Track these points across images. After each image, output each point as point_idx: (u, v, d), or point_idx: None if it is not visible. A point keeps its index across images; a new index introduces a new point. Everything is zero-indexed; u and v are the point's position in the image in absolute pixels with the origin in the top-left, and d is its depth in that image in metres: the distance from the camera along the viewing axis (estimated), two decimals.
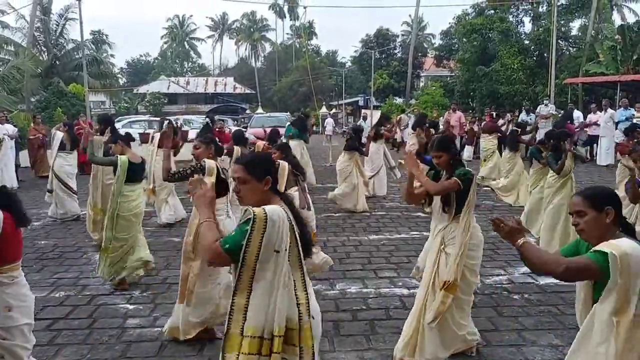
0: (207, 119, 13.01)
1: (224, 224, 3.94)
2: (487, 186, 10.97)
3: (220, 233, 2.41)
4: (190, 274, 4.24)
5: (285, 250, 2.32)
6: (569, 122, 14.72)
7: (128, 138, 6.00)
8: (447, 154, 3.90)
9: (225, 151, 6.78)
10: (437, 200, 3.92)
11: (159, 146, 8.79)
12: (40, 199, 10.07)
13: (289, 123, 12.06)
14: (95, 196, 7.21)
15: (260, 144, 7.20)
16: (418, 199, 4.05)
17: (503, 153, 10.78)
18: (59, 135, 8.99)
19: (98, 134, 7.20)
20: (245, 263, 2.28)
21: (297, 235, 2.41)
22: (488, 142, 11.61)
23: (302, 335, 2.36)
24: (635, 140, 7.93)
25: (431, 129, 10.46)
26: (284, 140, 10.14)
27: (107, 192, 6.45)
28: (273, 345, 2.29)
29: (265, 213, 2.29)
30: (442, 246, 3.82)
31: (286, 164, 4.53)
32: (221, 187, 4.22)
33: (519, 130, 10.54)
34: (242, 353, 2.28)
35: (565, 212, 6.08)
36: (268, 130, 10.31)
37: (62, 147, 8.86)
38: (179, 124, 10.76)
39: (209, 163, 4.43)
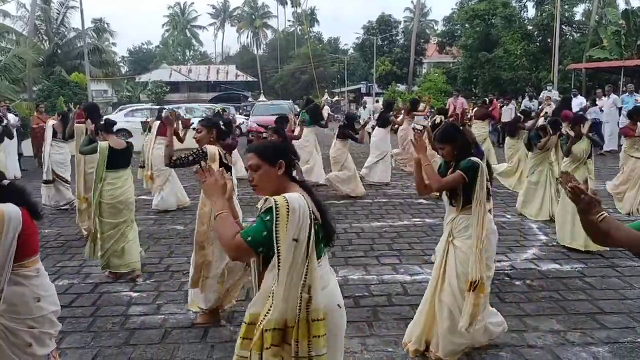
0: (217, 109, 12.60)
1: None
2: None
3: (238, 224, 2.37)
4: (205, 262, 4.30)
5: (305, 239, 2.23)
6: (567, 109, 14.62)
7: (107, 124, 5.83)
8: (451, 145, 3.71)
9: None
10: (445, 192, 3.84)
11: (158, 134, 8.84)
12: None
13: (303, 110, 11.45)
14: (79, 185, 7.12)
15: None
16: (429, 190, 3.89)
17: (506, 139, 10.80)
18: (49, 124, 8.80)
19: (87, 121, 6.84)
20: (279, 254, 2.20)
21: (318, 223, 2.33)
22: (480, 128, 11.58)
23: (299, 331, 2.27)
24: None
25: (440, 116, 10.21)
26: (298, 127, 9.94)
27: (90, 180, 6.42)
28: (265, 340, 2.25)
29: (287, 200, 2.23)
30: (451, 238, 3.74)
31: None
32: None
33: (522, 117, 10.50)
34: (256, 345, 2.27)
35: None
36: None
37: (54, 136, 8.59)
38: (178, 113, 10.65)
39: (210, 148, 4.32)
